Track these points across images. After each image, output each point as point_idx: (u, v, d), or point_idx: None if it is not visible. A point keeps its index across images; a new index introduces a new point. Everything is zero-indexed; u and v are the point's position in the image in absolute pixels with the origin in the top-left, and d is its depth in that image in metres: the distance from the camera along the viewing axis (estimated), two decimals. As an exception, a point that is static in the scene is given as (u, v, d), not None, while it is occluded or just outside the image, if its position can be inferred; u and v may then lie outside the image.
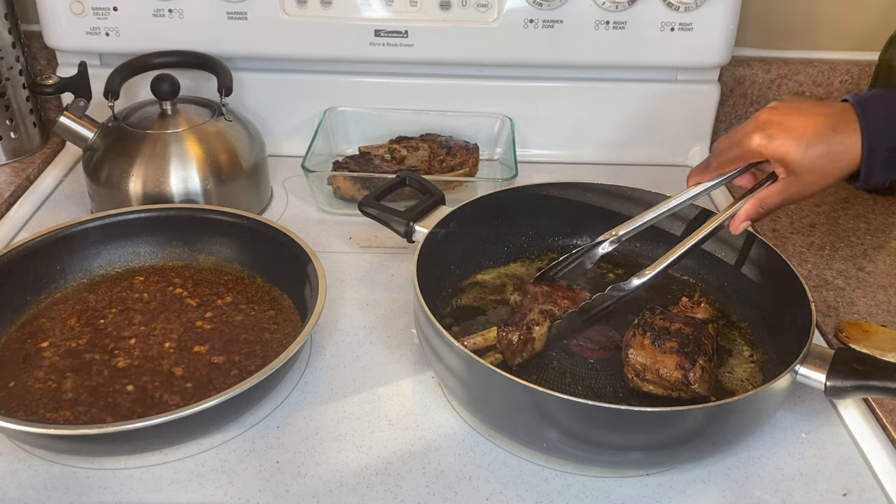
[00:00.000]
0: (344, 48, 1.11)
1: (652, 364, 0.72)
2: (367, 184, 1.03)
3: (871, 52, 1.16)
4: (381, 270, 0.95)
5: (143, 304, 0.85)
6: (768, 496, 0.69)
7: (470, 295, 0.88)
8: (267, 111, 1.18)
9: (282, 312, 0.84)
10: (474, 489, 0.68)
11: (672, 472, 0.70)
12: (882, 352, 0.82)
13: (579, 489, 0.68)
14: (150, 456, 0.70)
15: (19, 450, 0.70)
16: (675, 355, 0.72)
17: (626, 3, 1.07)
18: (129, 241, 0.90)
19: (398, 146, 1.11)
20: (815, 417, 0.76)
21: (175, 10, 1.08)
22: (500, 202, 0.92)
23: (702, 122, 1.21)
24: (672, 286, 0.90)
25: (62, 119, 0.97)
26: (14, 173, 1.12)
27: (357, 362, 0.81)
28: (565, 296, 0.83)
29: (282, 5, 1.08)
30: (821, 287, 0.94)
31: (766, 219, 1.06)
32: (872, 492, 0.69)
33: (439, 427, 0.74)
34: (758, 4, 1.19)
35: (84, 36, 1.10)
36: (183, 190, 0.96)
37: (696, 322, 0.75)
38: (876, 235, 1.04)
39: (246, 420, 0.74)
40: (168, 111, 0.99)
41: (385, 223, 0.87)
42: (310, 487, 0.68)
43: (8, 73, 1.11)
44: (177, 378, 0.75)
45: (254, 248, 0.89)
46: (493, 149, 1.19)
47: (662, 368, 0.72)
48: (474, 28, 1.10)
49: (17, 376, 0.75)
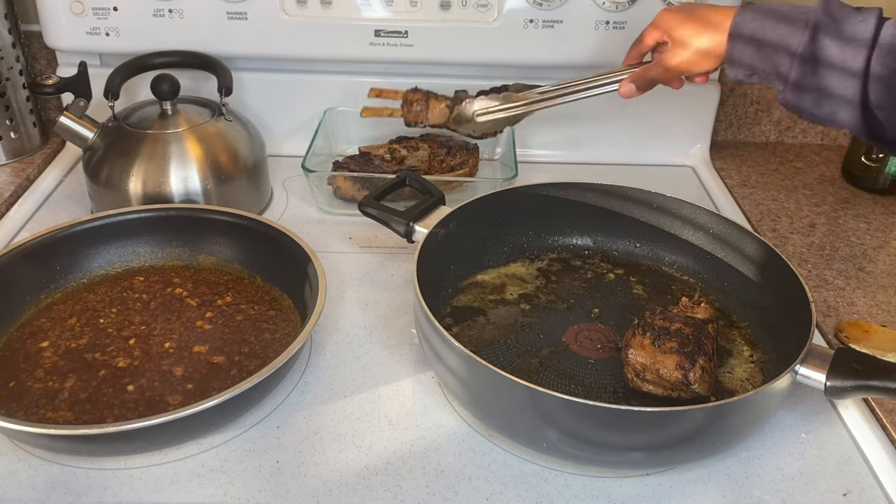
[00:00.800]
0: (344, 48, 1.11)
1: (652, 364, 0.72)
2: (367, 184, 1.03)
3: (871, 52, 1.16)
4: (381, 270, 0.95)
5: (143, 304, 0.85)
6: (768, 496, 0.69)
7: (470, 295, 0.88)
8: (267, 111, 1.18)
9: (282, 312, 0.84)
10: (474, 489, 0.68)
11: (672, 472, 0.70)
12: (882, 352, 0.82)
13: (579, 489, 0.68)
14: (150, 456, 0.70)
15: (19, 450, 0.70)
16: (675, 355, 0.72)
17: (626, 3, 1.07)
18: (129, 241, 0.90)
19: (398, 146, 1.11)
20: (815, 417, 0.76)
21: (175, 10, 1.08)
22: (500, 202, 0.92)
23: (702, 122, 1.21)
24: (672, 286, 0.90)
25: (62, 119, 0.97)
26: (14, 173, 1.12)
27: (357, 362, 0.81)
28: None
29: (282, 5, 1.08)
30: (821, 287, 0.94)
31: (765, 218, 1.06)
32: (872, 492, 0.69)
33: (439, 427, 0.74)
34: (758, 4, 1.19)
35: (84, 36, 1.10)
36: (183, 190, 0.96)
37: (696, 322, 0.75)
38: (876, 235, 1.04)
39: (246, 420, 0.74)
40: (168, 111, 0.99)
41: (385, 223, 0.87)
42: (310, 487, 0.68)
43: (8, 73, 1.11)
44: (177, 378, 0.75)
45: (254, 248, 0.89)
46: (493, 149, 1.19)
47: (662, 368, 0.72)
48: (474, 28, 1.10)
49: (17, 376, 0.75)
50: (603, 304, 0.87)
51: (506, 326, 0.83)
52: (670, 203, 0.92)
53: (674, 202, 0.92)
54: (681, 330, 0.74)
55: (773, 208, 1.10)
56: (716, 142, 1.26)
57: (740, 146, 1.28)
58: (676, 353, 0.72)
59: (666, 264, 0.93)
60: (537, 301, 0.87)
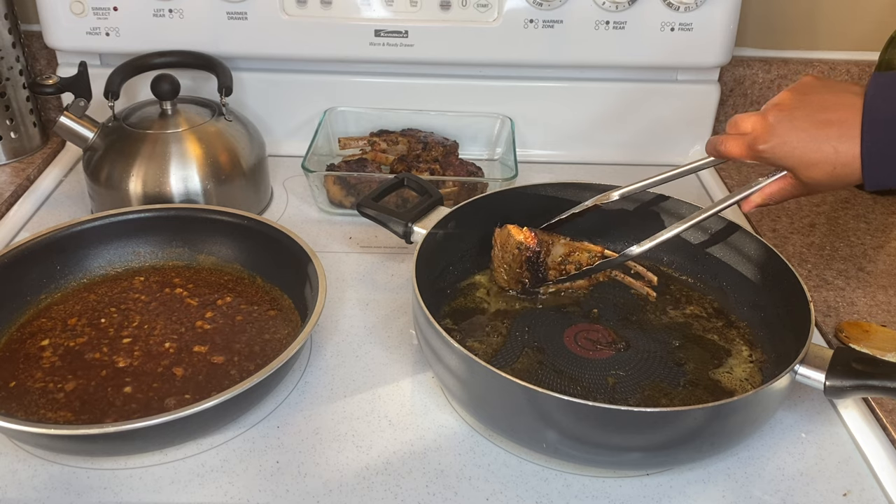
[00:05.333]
0: (344, 48, 1.11)
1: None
2: (353, 190, 1.03)
3: (871, 52, 1.16)
4: (380, 270, 0.95)
5: (143, 304, 0.85)
6: (768, 496, 0.69)
7: (469, 295, 0.88)
8: (267, 111, 1.18)
9: (282, 312, 0.84)
10: (474, 489, 0.68)
11: (672, 472, 0.70)
12: (882, 352, 0.82)
13: (579, 489, 0.68)
14: (150, 456, 0.70)
15: (19, 450, 0.70)
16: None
17: (626, 3, 1.07)
18: (129, 241, 0.90)
19: (378, 139, 1.11)
20: (815, 417, 0.76)
21: (175, 10, 1.08)
22: (499, 202, 0.92)
23: (702, 122, 1.21)
24: (671, 286, 0.90)
25: (62, 119, 0.97)
26: (14, 173, 1.12)
27: (357, 362, 0.81)
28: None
29: (282, 5, 1.08)
30: (821, 287, 0.94)
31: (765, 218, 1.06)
32: (872, 492, 0.69)
33: (439, 427, 0.74)
34: (758, 4, 1.20)
35: (84, 36, 1.10)
36: (183, 190, 0.96)
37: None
38: (876, 235, 1.04)
39: (246, 420, 0.74)
40: (168, 111, 0.99)
41: (383, 224, 0.87)
42: (310, 487, 0.68)
43: (8, 73, 1.11)
44: (177, 378, 0.75)
45: (254, 248, 0.89)
46: (493, 149, 1.19)
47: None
48: (474, 28, 1.10)
49: (17, 376, 0.75)
50: (602, 305, 0.87)
51: (505, 327, 0.83)
52: (670, 203, 0.92)
53: (673, 202, 0.91)
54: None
55: (773, 208, 1.10)
56: (716, 142, 1.26)
57: (740, 146, 1.28)
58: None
59: (665, 264, 0.93)
60: (536, 301, 0.87)
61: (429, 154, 1.09)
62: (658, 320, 0.85)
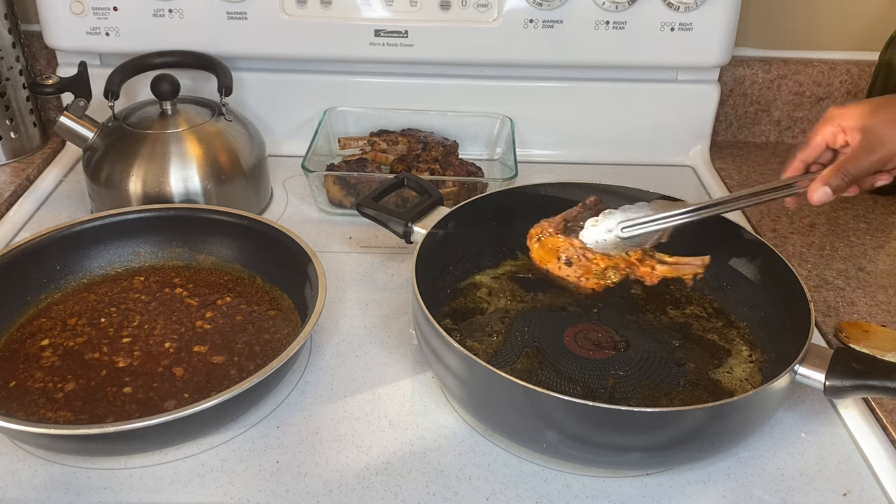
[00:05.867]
0: (344, 48, 1.12)
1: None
2: (353, 191, 1.03)
3: (871, 52, 1.16)
4: (380, 270, 0.95)
5: (143, 304, 0.85)
6: (768, 496, 0.69)
7: (469, 295, 0.88)
8: (267, 111, 1.18)
9: (282, 312, 0.84)
10: (474, 489, 0.68)
11: (672, 472, 0.70)
12: (882, 352, 0.82)
13: (579, 489, 0.68)
14: (150, 456, 0.70)
15: (19, 450, 0.70)
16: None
17: (626, 3, 1.07)
18: (129, 241, 0.90)
19: (378, 139, 1.11)
20: (815, 417, 0.76)
21: (175, 10, 1.08)
22: (499, 202, 0.92)
23: (702, 122, 1.21)
24: (670, 286, 0.90)
25: (62, 119, 0.97)
26: (14, 173, 1.12)
27: (357, 362, 0.81)
28: None
29: (282, 5, 1.08)
30: (821, 287, 0.94)
31: (765, 218, 1.06)
32: (872, 492, 0.69)
33: (439, 427, 0.74)
34: (758, 4, 1.20)
35: (84, 36, 1.10)
36: (183, 190, 0.96)
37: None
38: (876, 235, 1.04)
39: (246, 420, 0.74)
40: (168, 111, 0.99)
41: (383, 224, 0.87)
42: (310, 487, 0.68)
43: (8, 73, 1.11)
44: (177, 378, 0.75)
45: (254, 248, 0.89)
46: (493, 149, 1.19)
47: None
48: (474, 28, 1.10)
49: (17, 376, 0.75)
50: (602, 304, 0.87)
51: (505, 327, 0.83)
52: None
53: (673, 202, 0.91)
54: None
55: (773, 208, 1.10)
56: (716, 142, 1.26)
57: (740, 146, 1.28)
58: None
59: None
60: (536, 301, 0.87)
61: (429, 154, 1.09)
62: (658, 320, 0.85)
